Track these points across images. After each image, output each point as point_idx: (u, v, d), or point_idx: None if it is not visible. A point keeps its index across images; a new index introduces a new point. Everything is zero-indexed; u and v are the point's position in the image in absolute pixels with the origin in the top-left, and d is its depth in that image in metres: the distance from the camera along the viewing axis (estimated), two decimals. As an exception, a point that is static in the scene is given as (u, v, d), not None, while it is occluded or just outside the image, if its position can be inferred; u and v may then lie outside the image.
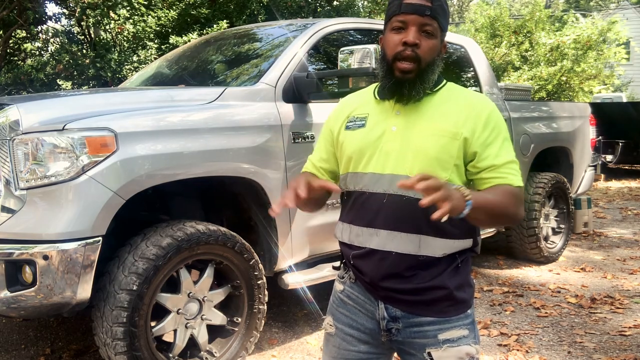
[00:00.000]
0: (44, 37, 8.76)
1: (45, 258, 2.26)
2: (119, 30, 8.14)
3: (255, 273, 2.85)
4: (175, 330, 2.68)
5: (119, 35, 8.25)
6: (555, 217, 5.17)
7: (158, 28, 8.19)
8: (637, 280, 4.44)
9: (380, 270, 1.42)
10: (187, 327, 2.69)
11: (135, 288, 2.42)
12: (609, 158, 11.45)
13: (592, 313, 3.74)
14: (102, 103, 2.68)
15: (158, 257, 2.48)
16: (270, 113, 2.95)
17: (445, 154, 1.39)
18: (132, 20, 8.05)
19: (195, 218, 2.81)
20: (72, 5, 7.64)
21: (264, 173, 2.85)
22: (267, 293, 2.93)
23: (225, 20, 7.84)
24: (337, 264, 1.64)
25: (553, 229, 5.15)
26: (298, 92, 3.07)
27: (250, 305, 2.87)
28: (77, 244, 2.29)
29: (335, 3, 9.77)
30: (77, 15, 7.18)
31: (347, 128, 1.52)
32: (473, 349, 1.44)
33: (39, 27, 8.16)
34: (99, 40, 7.94)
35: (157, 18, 8.17)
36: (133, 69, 7.20)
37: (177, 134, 2.59)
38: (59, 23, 8.68)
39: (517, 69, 13.63)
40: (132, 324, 2.43)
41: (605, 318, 3.65)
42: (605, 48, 14.31)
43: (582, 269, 4.80)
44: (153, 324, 2.62)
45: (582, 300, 3.96)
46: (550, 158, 5.12)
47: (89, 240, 2.32)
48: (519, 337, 3.34)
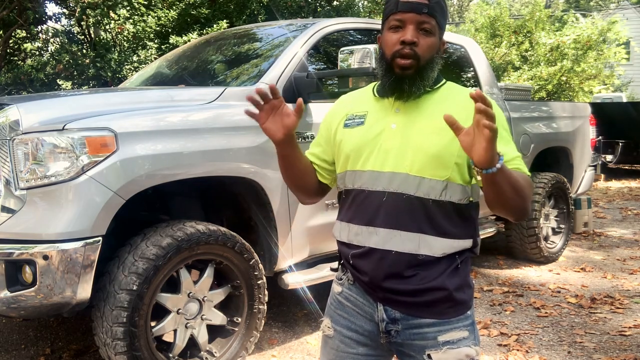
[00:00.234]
0: (44, 37, 8.75)
1: (45, 258, 2.26)
2: (119, 30, 8.13)
3: (255, 273, 2.85)
4: (175, 330, 2.68)
5: (119, 35, 8.24)
6: (555, 217, 5.17)
7: (158, 28, 8.18)
8: (637, 280, 4.45)
9: (381, 270, 1.41)
10: (187, 327, 2.69)
11: (135, 288, 2.42)
12: (609, 158, 11.45)
13: (592, 313, 3.74)
14: (102, 103, 2.68)
15: (158, 257, 2.49)
16: (271, 113, 2.94)
17: (446, 152, 1.38)
18: (132, 20, 8.04)
19: (195, 218, 2.81)
20: (72, 5, 7.63)
21: (264, 173, 2.85)
22: (267, 293, 2.93)
23: (225, 20, 7.84)
24: (335, 266, 1.62)
25: (553, 229, 5.15)
26: (298, 92, 3.07)
27: (250, 305, 2.87)
28: (77, 244, 2.29)
29: (335, 3, 9.76)
30: (77, 15, 7.18)
31: (345, 126, 1.51)
32: (473, 351, 1.43)
33: (39, 27, 8.15)
34: (99, 40, 7.93)
35: (157, 18, 8.15)
36: (133, 69, 7.19)
37: (177, 134, 2.59)
38: (59, 23, 8.67)
39: (517, 69, 13.64)
40: (132, 324, 2.43)
41: (605, 318, 3.65)
42: (605, 48, 14.31)
43: (582, 269, 4.80)
44: (153, 324, 2.62)
45: (582, 300, 3.96)
46: (550, 158, 5.12)
47: (89, 240, 2.32)
48: (519, 337, 3.34)
